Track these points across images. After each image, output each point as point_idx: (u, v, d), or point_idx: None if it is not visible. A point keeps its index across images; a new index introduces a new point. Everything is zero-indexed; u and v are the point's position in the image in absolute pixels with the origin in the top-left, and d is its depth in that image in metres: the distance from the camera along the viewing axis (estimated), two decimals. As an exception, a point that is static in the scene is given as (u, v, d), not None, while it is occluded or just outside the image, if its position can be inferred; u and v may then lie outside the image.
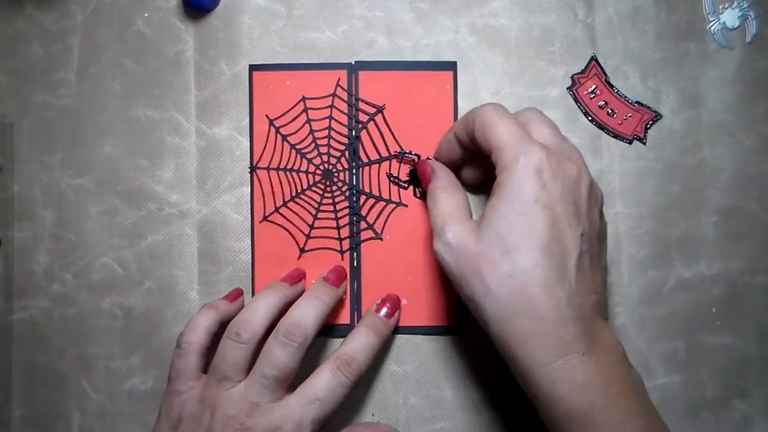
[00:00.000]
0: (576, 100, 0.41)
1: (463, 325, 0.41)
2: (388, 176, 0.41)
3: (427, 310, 0.41)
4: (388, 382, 0.41)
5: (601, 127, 0.41)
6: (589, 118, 0.41)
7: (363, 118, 0.41)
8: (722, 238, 0.41)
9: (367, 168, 0.41)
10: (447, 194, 0.36)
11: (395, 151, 0.41)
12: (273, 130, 0.41)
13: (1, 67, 0.42)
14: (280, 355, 0.35)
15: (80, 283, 0.41)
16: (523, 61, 0.42)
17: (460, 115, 0.41)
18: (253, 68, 0.41)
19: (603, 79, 0.41)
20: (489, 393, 0.41)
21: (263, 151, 0.41)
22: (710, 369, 0.41)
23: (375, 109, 0.41)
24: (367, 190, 0.41)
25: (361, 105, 0.41)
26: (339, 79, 0.41)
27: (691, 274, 0.41)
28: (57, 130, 0.42)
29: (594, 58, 0.41)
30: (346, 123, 0.41)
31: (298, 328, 0.35)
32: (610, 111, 0.41)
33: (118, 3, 0.42)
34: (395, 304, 0.40)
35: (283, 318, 0.36)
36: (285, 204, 0.41)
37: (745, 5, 0.42)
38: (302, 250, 0.41)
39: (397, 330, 0.41)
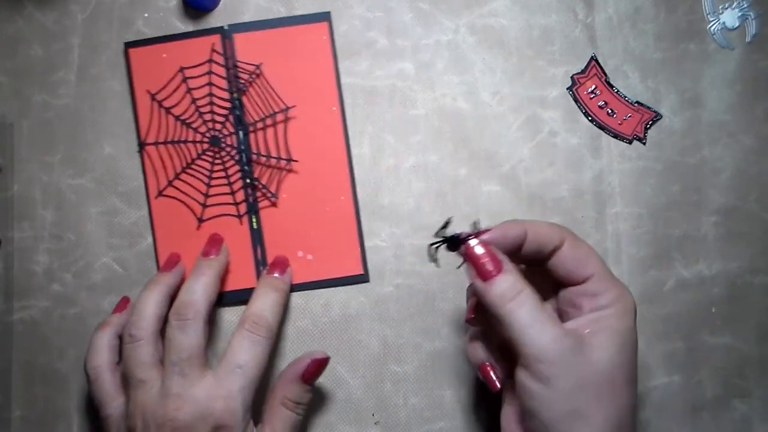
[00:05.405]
0: (576, 100, 0.41)
1: (370, 274, 0.41)
2: (430, 246, 0.33)
3: (333, 263, 0.41)
4: (388, 382, 0.41)
5: (601, 127, 0.41)
6: (589, 118, 0.41)
7: (244, 79, 0.41)
8: (722, 238, 0.41)
9: (253, 130, 0.41)
10: (525, 304, 0.31)
11: (447, 221, 0.33)
12: (156, 104, 0.41)
13: (1, 67, 0.42)
14: (178, 337, 0.35)
15: (80, 283, 0.41)
16: (523, 61, 0.41)
17: (342, 68, 0.41)
18: (128, 45, 0.41)
19: (603, 79, 0.41)
20: (489, 393, 0.41)
21: (148, 127, 0.41)
22: (710, 369, 0.41)
23: (253, 69, 0.41)
24: (255, 151, 0.41)
25: (240, 66, 0.41)
26: (213, 44, 0.41)
27: (691, 274, 0.41)
28: (57, 130, 0.42)
29: (594, 58, 0.41)
30: (226, 87, 0.41)
31: (186, 306, 0.36)
32: (610, 111, 0.41)
33: (118, 3, 0.42)
34: (283, 264, 0.40)
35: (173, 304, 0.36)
36: (177, 176, 0.41)
37: (745, 5, 0.42)
38: (200, 220, 0.41)
39: (307, 285, 0.41)
